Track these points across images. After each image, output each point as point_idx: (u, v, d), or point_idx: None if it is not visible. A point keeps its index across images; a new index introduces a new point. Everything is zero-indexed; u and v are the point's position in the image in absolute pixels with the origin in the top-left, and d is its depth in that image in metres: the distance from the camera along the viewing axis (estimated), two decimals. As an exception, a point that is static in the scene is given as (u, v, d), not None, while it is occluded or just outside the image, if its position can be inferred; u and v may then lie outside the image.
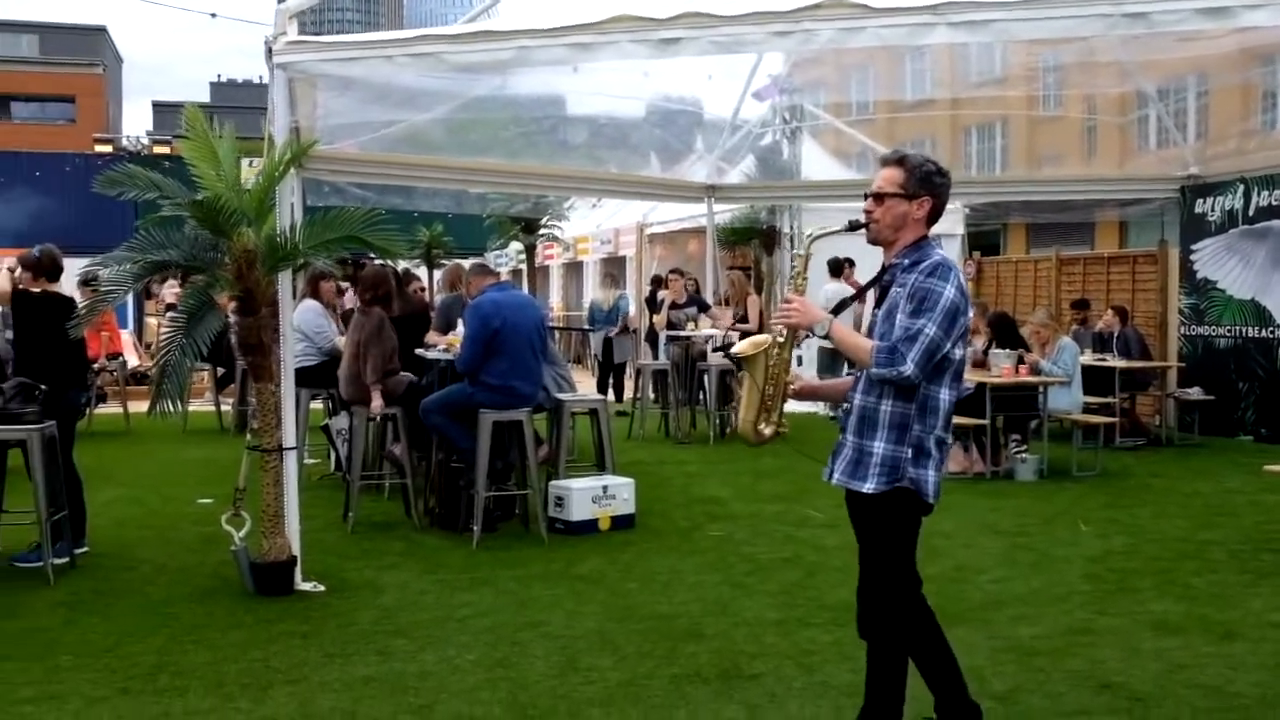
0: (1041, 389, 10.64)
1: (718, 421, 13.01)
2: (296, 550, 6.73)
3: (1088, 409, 11.60)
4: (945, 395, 3.85)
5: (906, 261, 3.89)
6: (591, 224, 25.20)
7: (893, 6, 5.78)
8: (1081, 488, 9.85)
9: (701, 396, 13.26)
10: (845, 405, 4.06)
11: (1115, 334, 13.06)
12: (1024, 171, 27.42)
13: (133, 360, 17.12)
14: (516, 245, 29.29)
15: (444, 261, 33.86)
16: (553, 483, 8.41)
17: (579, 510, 8.16)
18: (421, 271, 30.22)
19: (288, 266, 6.63)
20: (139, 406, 11.58)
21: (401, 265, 10.81)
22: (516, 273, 28.89)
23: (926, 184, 3.91)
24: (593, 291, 25.84)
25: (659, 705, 4.79)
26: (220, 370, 14.61)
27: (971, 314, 3.94)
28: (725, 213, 17.01)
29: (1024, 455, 10.50)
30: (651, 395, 13.82)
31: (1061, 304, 14.92)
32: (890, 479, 3.85)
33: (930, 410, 3.84)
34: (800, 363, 14.90)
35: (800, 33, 5.91)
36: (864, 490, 3.89)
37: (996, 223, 27.03)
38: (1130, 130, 21.22)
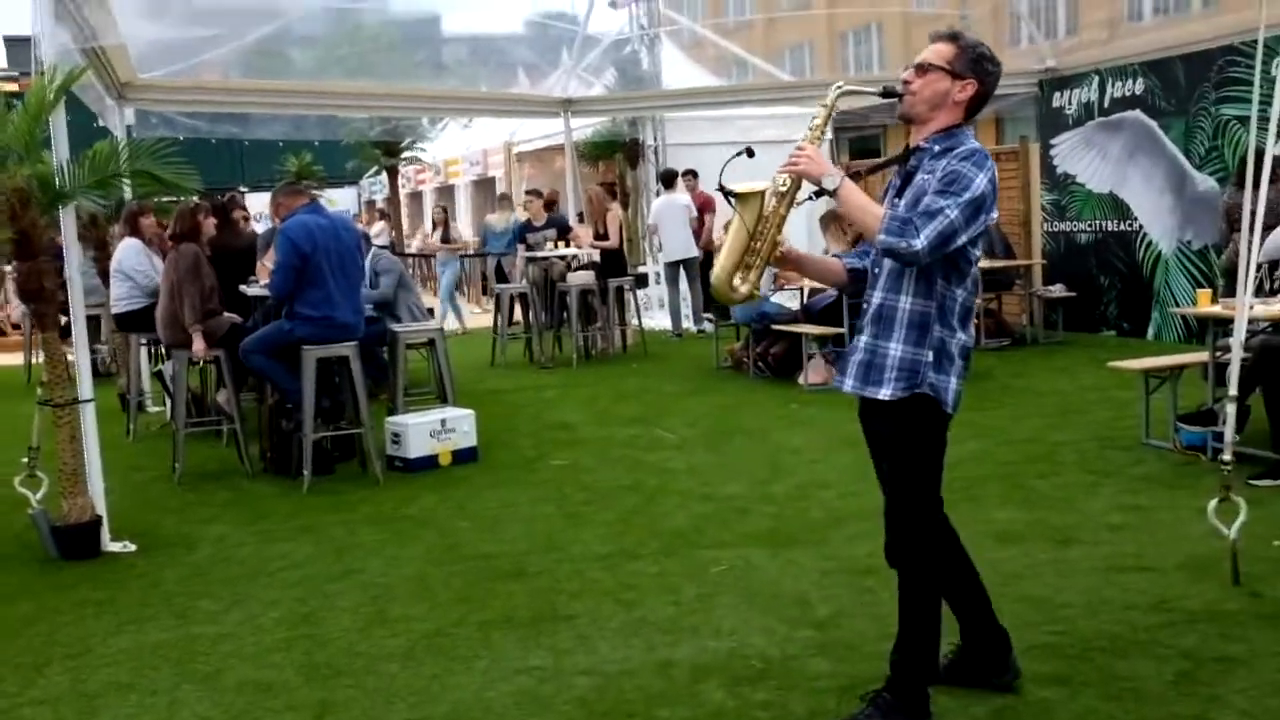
0: (900, 294, 10.43)
1: (581, 343, 12.69)
2: (102, 510, 6.29)
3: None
4: (962, 296, 3.51)
5: (937, 148, 3.51)
6: (462, 145, 24.56)
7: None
8: (941, 392, 9.70)
9: (565, 318, 12.90)
10: (863, 302, 3.70)
11: (978, 234, 12.92)
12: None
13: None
14: (403, 169, 28.61)
15: (315, 193, 33.12)
16: (389, 419, 8.04)
17: (416, 446, 7.80)
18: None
19: (64, 205, 6.10)
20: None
21: (227, 194, 10.17)
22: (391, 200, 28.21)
23: (976, 66, 3.52)
24: (469, 214, 25.29)
25: (461, 656, 4.49)
26: (64, 319, 13.90)
27: (994, 215, 3.52)
28: (587, 128, 16.58)
29: (884, 361, 10.31)
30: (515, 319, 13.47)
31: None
32: (909, 384, 3.50)
33: (948, 310, 3.50)
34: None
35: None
36: (879, 397, 3.54)
37: (876, 126, 26.87)
38: (1002, 27, 21.07)
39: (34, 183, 5.88)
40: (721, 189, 3.66)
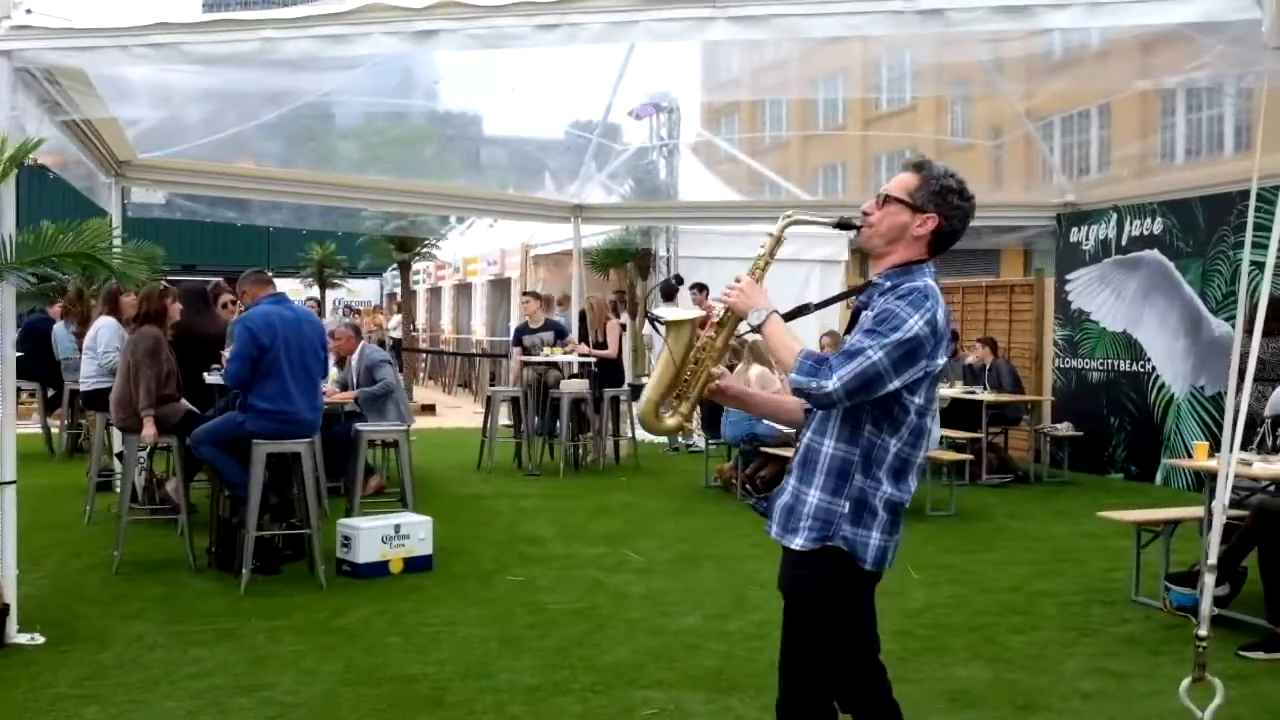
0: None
1: (570, 453, 12.33)
2: (10, 597, 5.93)
3: (954, 445, 11.08)
4: (895, 446, 3.18)
5: (888, 284, 3.22)
6: (481, 244, 24.50)
7: (669, -1, 5.17)
8: (931, 528, 9.27)
9: (556, 426, 12.54)
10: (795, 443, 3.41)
11: (987, 366, 12.57)
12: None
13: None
14: (423, 264, 28.54)
15: (338, 282, 33.06)
16: (340, 521, 7.68)
17: (366, 551, 7.42)
18: (314, 292, 29.36)
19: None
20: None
21: (212, 281, 9.92)
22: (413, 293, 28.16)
23: (940, 200, 3.23)
24: (484, 312, 25.14)
25: (340, 796, 4.08)
26: (50, 391, 13.71)
27: (942, 360, 3.21)
28: (600, 235, 16.39)
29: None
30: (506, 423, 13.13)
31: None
32: (820, 534, 3.19)
33: (875, 461, 3.18)
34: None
35: (566, 26, 5.31)
36: (793, 545, 3.24)
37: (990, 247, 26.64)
38: (1033, 158, 20.92)
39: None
40: (648, 316, 3.44)
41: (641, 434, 13.85)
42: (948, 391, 11.60)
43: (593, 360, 12.50)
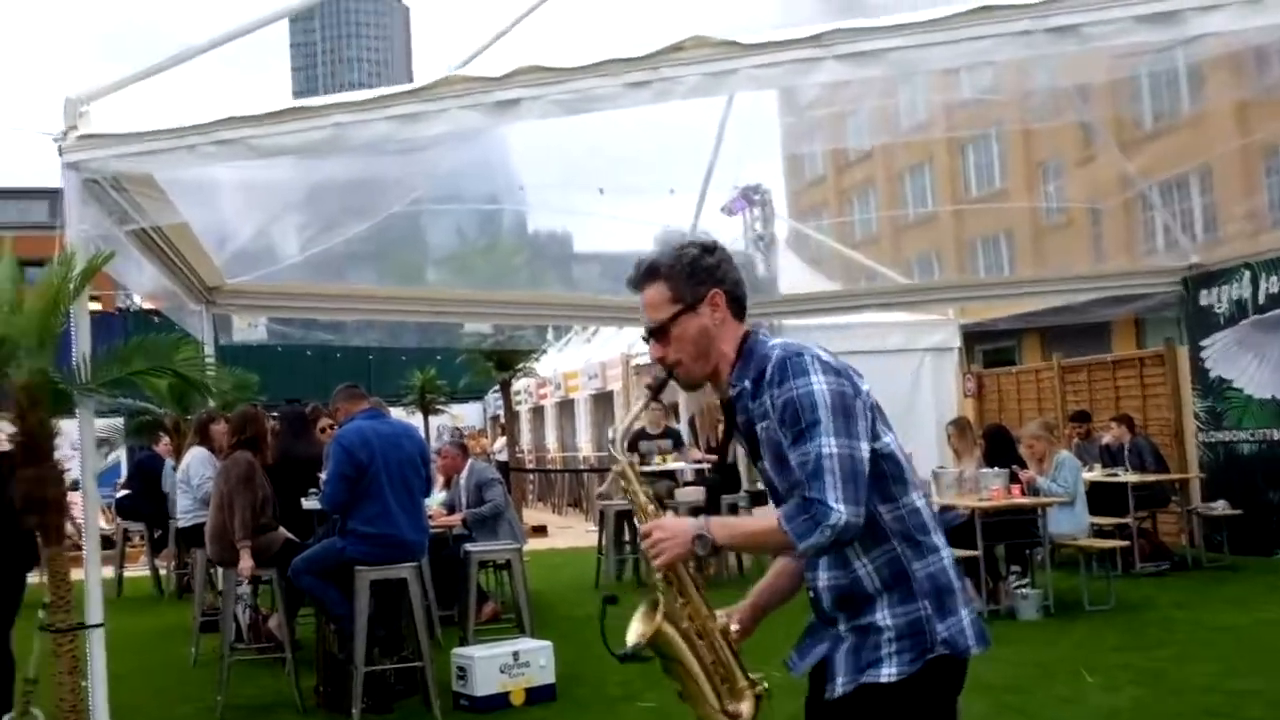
0: (1040, 511, 9.30)
1: (692, 562, 11.68)
2: (104, 753, 5.47)
3: (1099, 531, 10.26)
4: (906, 497, 2.65)
5: (747, 384, 2.70)
6: (581, 359, 24.20)
7: (767, 41, 4.71)
8: (1093, 624, 8.47)
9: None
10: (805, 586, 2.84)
11: (1125, 446, 11.74)
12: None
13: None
14: (524, 382, 28.31)
15: (440, 408, 32.93)
16: (455, 651, 7.14)
17: (485, 683, 6.84)
18: (416, 419, 29.21)
19: (71, 404, 5.48)
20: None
21: (310, 404, 9.59)
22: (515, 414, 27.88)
23: (701, 275, 2.73)
24: (588, 430, 24.72)
25: None
26: (157, 531, 13.44)
27: (866, 385, 2.66)
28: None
29: (1025, 590, 9.10)
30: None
31: (1067, 415, 13.62)
32: (919, 649, 2.60)
33: (913, 529, 2.64)
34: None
35: (659, 82, 4.86)
36: (881, 680, 2.61)
37: (1010, 337, 25.84)
38: (1135, 223, 20.16)
39: (42, 380, 5.28)
40: (619, 657, 2.74)
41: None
42: (1088, 476, 10.78)
43: (708, 466, 11.92)
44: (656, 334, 2.74)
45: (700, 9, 7.87)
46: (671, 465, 11.98)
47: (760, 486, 14.35)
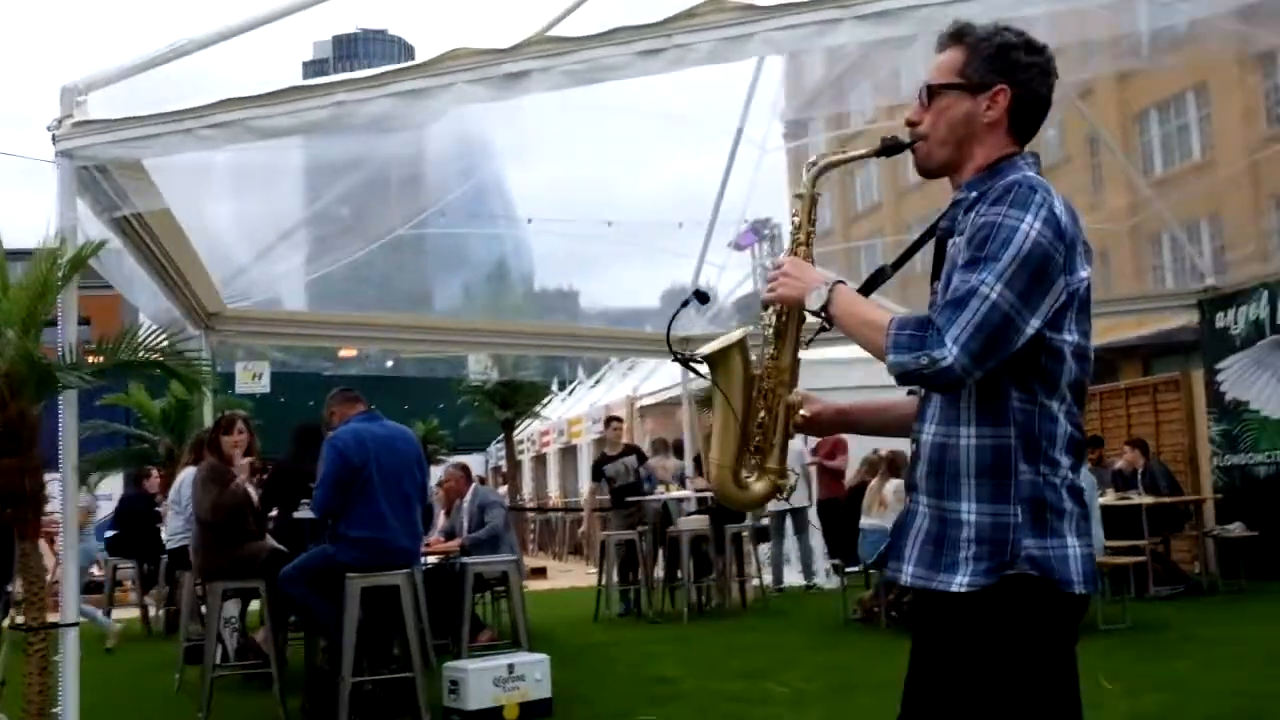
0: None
1: (694, 595, 11.41)
2: (78, 765, 5.20)
3: (1114, 552, 9.97)
4: (1062, 411, 2.25)
5: (973, 193, 2.32)
6: (585, 405, 24.01)
7: (786, 1, 4.55)
8: (1108, 642, 8.17)
9: (677, 571, 11.63)
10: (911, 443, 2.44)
11: (1140, 470, 11.48)
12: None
13: None
14: (528, 431, 28.15)
15: (443, 458, 32.74)
16: (447, 664, 6.86)
17: (477, 697, 6.55)
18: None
19: (57, 392, 5.27)
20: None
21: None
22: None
23: (1002, 64, 2.34)
24: (587, 476, 24.45)
25: None
26: (146, 566, 13.15)
27: (1086, 273, 2.25)
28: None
29: (1040, 609, 8.80)
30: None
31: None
32: (995, 561, 2.20)
33: (1043, 436, 2.23)
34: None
35: (673, 49, 4.70)
36: (950, 589, 2.23)
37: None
38: (1143, 249, 19.95)
39: (25, 365, 5.09)
40: (677, 358, 2.51)
41: (769, 577, 12.94)
42: (1101, 500, 10.51)
43: (711, 495, 11.65)
44: (927, 95, 2.39)
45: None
46: (676, 494, 11.73)
47: (765, 521, 14.17)
